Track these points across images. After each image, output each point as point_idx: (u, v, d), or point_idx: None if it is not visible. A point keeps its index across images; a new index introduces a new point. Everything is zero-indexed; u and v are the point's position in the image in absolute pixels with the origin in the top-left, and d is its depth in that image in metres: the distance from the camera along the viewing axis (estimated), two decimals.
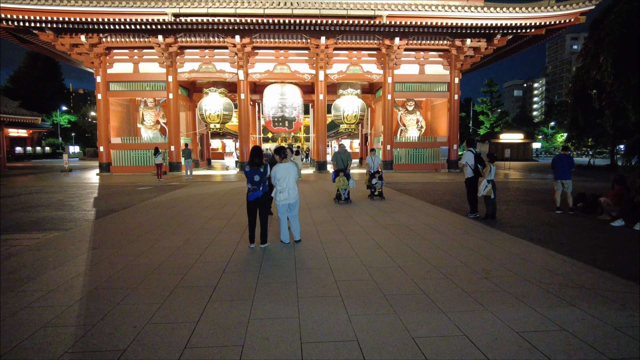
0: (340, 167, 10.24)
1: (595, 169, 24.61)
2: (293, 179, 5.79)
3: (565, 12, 17.95)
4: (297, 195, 5.92)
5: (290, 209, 5.94)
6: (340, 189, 10.09)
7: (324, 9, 17.15)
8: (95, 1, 16.97)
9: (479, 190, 7.87)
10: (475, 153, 8.23)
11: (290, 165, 5.77)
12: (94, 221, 7.94)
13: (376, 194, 10.82)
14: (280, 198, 5.72)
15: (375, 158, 11.01)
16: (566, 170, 8.81)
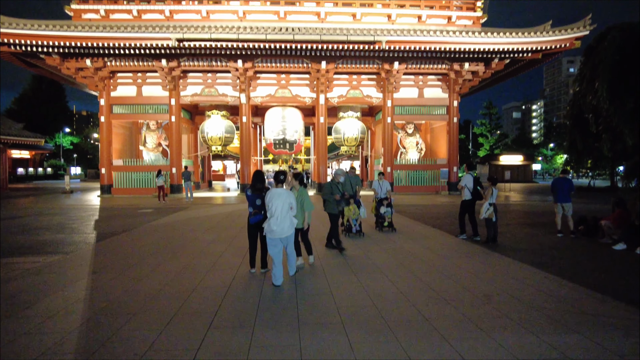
0: (350, 193, 8.70)
1: (595, 190, 24.63)
2: (285, 207, 5.00)
3: (560, 37, 18.37)
4: (293, 229, 5.16)
5: (284, 244, 5.22)
6: (350, 218, 8.67)
7: (324, 35, 17.56)
8: (102, 27, 17.40)
9: (481, 213, 7.95)
10: (474, 176, 8.39)
11: (283, 191, 5.09)
12: (94, 244, 7.93)
13: (386, 224, 9.39)
14: (268, 229, 4.99)
15: (383, 182, 9.87)
16: (566, 193, 8.85)
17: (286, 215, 5.01)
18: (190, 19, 19.61)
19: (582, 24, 18.25)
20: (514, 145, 57.51)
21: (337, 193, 7.48)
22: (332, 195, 7.44)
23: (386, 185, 9.93)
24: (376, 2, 20.49)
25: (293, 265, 5.51)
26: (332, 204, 7.43)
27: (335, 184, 7.58)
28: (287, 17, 19.97)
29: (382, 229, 9.44)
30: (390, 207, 9.56)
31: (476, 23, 20.55)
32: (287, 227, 5.02)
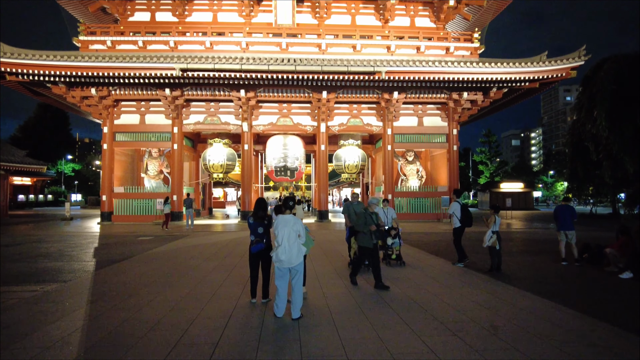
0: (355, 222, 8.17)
1: (598, 217, 24.52)
2: (293, 235, 4.88)
3: (556, 67, 18.77)
4: (301, 258, 4.97)
5: (292, 275, 4.96)
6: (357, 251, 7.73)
7: (325, 66, 17.97)
8: (108, 57, 17.83)
9: (484, 241, 7.97)
10: (461, 204, 8.77)
11: (291, 218, 5.00)
12: (93, 272, 7.83)
13: (393, 257, 8.54)
14: (276, 259, 4.85)
15: (388, 210, 9.01)
16: (569, 220, 8.81)
17: (294, 243, 4.87)
18: (195, 49, 20.13)
19: (577, 55, 18.69)
20: (514, 172, 57.72)
21: (371, 224, 6.60)
22: (367, 227, 6.60)
23: (392, 214, 9.13)
24: (375, 34, 21.08)
25: (298, 305, 4.88)
26: (366, 236, 6.61)
27: (370, 215, 6.74)
28: (289, 48, 20.49)
29: (390, 263, 8.56)
30: (398, 237, 8.67)
31: (474, 54, 21.05)
32: (296, 256, 4.86)
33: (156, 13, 21.44)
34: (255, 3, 21.09)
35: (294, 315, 4.83)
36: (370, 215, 6.75)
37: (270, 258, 5.25)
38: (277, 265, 4.88)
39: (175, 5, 20.66)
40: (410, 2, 22.00)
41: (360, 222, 6.71)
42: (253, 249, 5.46)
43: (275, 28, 20.56)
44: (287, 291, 4.98)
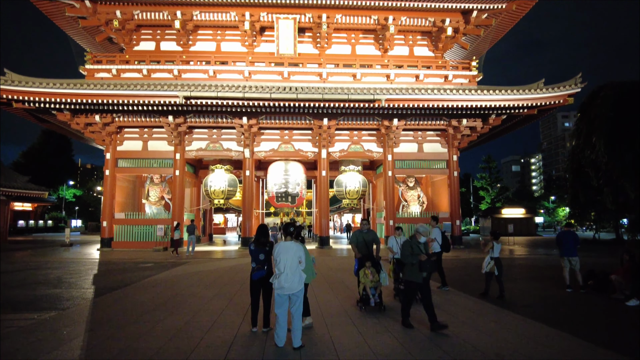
0: (364, 252, 7.28)
1: (601, 243, 24.31)
2: (295, 261, 4.84)
3: (554, 94, 19.08)
4: (302, 285, 4.92)
5: (292, 303, 4.86)
6: (367, 287, 6.88)
7: (326, 94, 18.29)
8: (113, 85, 18.20)
9: (482, 267, 8.07)
10: (441, 230, 9.13)
11: (292, 244, 4.97)
12: (92, 300, 7.74)
13: None
14: (277, 285, 4.80)
15: (401, 239, 7.97)
16: (572, 246, 8.75)
17: (296, 270, 4.83)
18: (198, 77, 20.55)
19: (573, 82, 19.03)
20: (515, 198, 57.61)
21: (419, 253, 5.84)
22: (415, 257, 5.80)
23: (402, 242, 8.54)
24: (375, 63, 21.56)
25: (298, 333, 4.78)
26: (414, 269, 5.82)
27: (416, 244, 5.95)
28: (290, 77, 20.93)
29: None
30: None
31: (472, 81, 21.45)
32: (297, 283, 4.80)
33: (161, 42, 22.03)
34: (258, 33, 21.69)
35: (295, 344, 4.73)
36: (417, 244, 5.96)
37: (271, 285, 5.17)
38: (278, 292, 4.82)
39: (180, 35, 21.25)
40: (408, 32, 22.61)
41: (406, 252, 5.95)
42: (254, 276, 5.41)
43: (277, 57, 21.05)
44: (287, 319, 4.89)
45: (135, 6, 20.10)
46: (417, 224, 6.41)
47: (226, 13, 20.60)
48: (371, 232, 7.60)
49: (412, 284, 5.88)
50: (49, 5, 19.58)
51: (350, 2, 19.57)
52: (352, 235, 7.71)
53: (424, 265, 5.75)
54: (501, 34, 22.82)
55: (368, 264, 6.98)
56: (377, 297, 6.87)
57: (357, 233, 7.62)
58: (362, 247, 7.32)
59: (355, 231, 7.94)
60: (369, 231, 7.59)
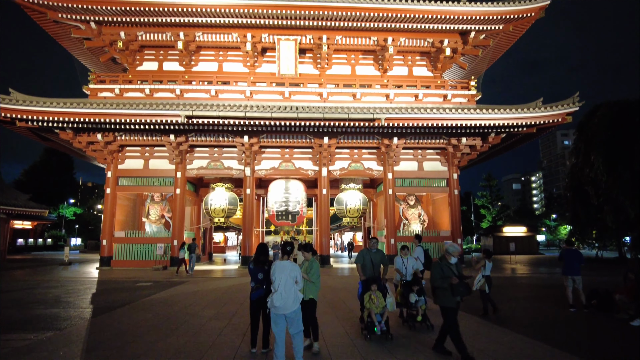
0: (371, 275, 6.75)
1: (603, 262, 24.10)
2: (290, 281, 4.79)
3: (552, 112, 19.23)
4: (298, 305, 4.82)
5: (289, 323, 4.80)
6: (372, 313, 6.27)
7: (326, 113, 18.48)
8: (116, 104, 18.39)
9: (473, 284, 7.98)
10: (424, 248, 9.33)
11: (288, 263, 4.93)
12: (89, 320, 7.65)
13: (419, 318, 6.89)
14: (271, 304, 4.73)
15: (409, 259, 7.68)
16: (576, 265, 8.67)
17: (290, 290, 4.75)
18: (200, 97, 20.80)
19: (570, 101, 19.21)
20: (516, 216, 57.43)
21: (451, 275, 5.36)
22: (446, 280, 5.35)
23: (413, 263, 7.75)
24: (375, 83, 21.85)
25: (300, 349, 4.77)
26: (446, 293, 5.36)
27: (447, 265, 5.49)
28: (291, 97, 21.18)
29: (414, 326, 6.93)
30: (422, 293, 7.10)
31: (471, 100, 21.67)
32: (292, 303, 4.73)
33: (164, 63, 22.39)
34: (259, 54, 22.06)
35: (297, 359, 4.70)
36: (448, 265, 5.51)
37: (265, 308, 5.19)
38: (273, 311, 4.77)
39: (182, 55, 21.61)
40: (407, 53, 22.98)
41: (436, 276, 5.48)
42: (253, 296, 5.37)
43: (278, 78, 21.35)
44: (284, 339, 4.79)
45: (139, 27, 20.52)
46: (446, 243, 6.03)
47: (228, 34, 21.01)
48: (380, 252, 6.99)
49: (448, 311, 5.33)
50: (55, 27, 20.01)
51: (350, 24, 19.96)
52: (359, 254, 7.03)
53: (457, 288, 5.26)
54: (499, 54, 23.19)
55: (374, 288, 6.40)
56: (383, 324, 6.22)
57: (364, 252, 6.98)
58: (368, 268, 6.77)
59: (362, 250, 7.20)
60: (377, 251, 6.97)
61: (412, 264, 7.65)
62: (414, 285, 7.18)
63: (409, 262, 7.63)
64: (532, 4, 19.60)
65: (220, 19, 19.49)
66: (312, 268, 5.70)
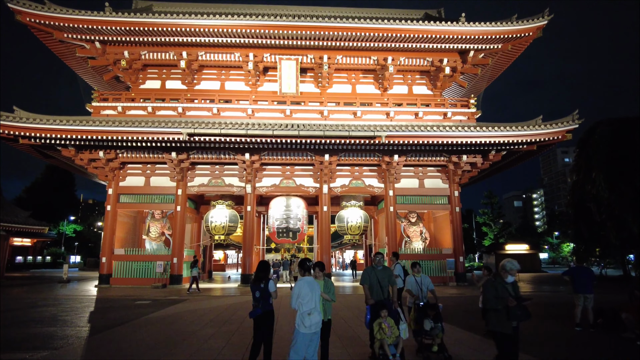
0: (379, 297, 5.91)
1: (608, 280, 23.80)
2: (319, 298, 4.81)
3: (552, 130, 19.33)
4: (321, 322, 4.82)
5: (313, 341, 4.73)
6: (385, 344, 5.48)
7: (327, 131, 18.59)
8: (118, 122, 18.54)
9: (480, 302, 7.61)
10: (402, 265, 9.33)
11: (312, 280, 4.97)
12: (87, 339, 7.53)
13: (435, 349, 6.05)
14: (309, 323, 4.60)
15: (422, 278, 6.78)
16: (588, 283, 8.53)
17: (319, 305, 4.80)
18: (202, 115, 20.96)
19: (570, 118, 19.32)
20: (518, 234, 57.05)
21: (507, 297, 4.64)
22: (500, 302, 4.66)
23: (428, 283, 6.78)
24: (375, 102, 22.04)
25: None
26: (500, 317, 4.68)
27: (502, 285, 4.79)
28: (292, 115, 21.34)
29: (430, 357, 6.03)
30: (439, 319, 6.20)
31: (471, 118, 21.80)
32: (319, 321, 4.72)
33: (166, 81, 22.68)
34: (261, 73, 22.36)
35: None
36: (503, 285, 4.78)
37: (270, 324, 5.10)
38: (306, 330, 4.65)
39: (185, 74, 21.91)
40: (407, 72, 23.27)
41: (489, 296, 4.80)
42: (250, 315, 5.20)
43: (279, 96, 21.57)
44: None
45: (143, 47, 20.87)
46: (503, 260, 5.09)
47: (230, 54, 21.34)
48: (387, 269, 6.17)
49: (504, 337, 4.61)
50: (61, 47, 20.38)
51: (351, 43, 20.29)
52: (363, 273, 6.20)
53: (514, 312, 4.54)
54: (498, 73, 23.47)
55: (384, 315, 5.59)
56: (398, 357, 5.44)
57: (369, 271, 6.16)
58: (375, 289, 5.91)
59: (366, 269, 6.33)
60: (384, 269, 6.14)
61: (426, 283, 6.73)
62: (430, 309, 6.24)
63: (423, 281, 6.70)
64: (529, 23, 19.95)
65: (223, 38, 19.84)
66: (330, 286, 5.46)
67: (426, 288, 6.68)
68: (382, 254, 6.48)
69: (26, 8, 18.27)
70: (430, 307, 6.33)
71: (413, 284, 6.72)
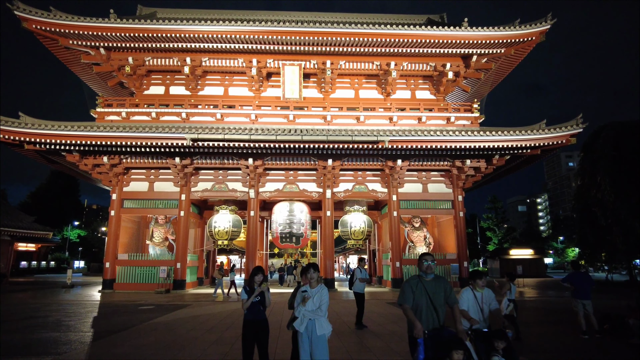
0: (433, 324, 4.11)
1: (613, 285, 23.58)
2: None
3: (556, 134, 19.25)
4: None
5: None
6: None
7: (330, 136, 18.61)
8: (122, 127, 18.64)
9: (502, 310, 7.08)
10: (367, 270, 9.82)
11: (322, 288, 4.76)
12: (90, 344, 7.52)
13: None
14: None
15: (484, 295, 4.87)
16: (586, 289, 8.46)
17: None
18: (206, 120, 21.06)
19: (574, 123, 19.24)
20: (522, 238, 56.74)
21: None
22: None
23: (490, 300, 4.87)
24: (378, 107, 22.07)
25: None
26: None
27: None
28: (296, 120, 21.40)
29: None
30: (512, 355, 4.43)
31: (474, 123, 21.77)
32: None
33: (170, 87, 22.81)
34: (265, 79, 22.45)
35: None
36: None
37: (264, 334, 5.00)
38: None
39: (189, 80, 22.03)
40: (410, 77, 23.30)
41: None
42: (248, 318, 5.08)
43: (283, 102, 21.64)
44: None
45: (147, 53, 21.02)
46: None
47: (234, 59, 21.45)
48: (441, 280, 4.35)
49: None
50: (66, 53, 20.54)
51: (354, 49, 20.35)
52: (405, 287, 4.29)
53: None
54: (501, 77, 23.44)
55: (459, 357, 3.68)
56: None
57: (414, 283, 4.29)
58: (425, 313, 4.10)
59: (409, 280, 4.37)
60: (436, 279, 4.31)
61: (489, 301, 4.84)
62: (497, 339, 4.32)
63: (485, 297, 4.82)
64: (532, 28, 19.95)
65: (226, 44, 19.96)
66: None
67: (487, 306, 4.81)
68: (432, 255, 4.47)
69: (32, 15, 18.48)
70: (497, 335, 4.35)
71: (471, 301, 4.78)
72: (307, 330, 4.51)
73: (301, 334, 4.53)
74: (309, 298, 4.59)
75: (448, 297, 4.29)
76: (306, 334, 4.50)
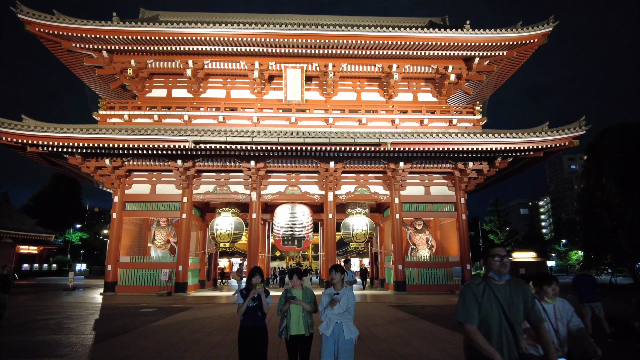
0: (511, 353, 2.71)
1: (618, 288, 23.42)
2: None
3: (559, 136, 19.18)
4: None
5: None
6: None
7: (332, 138, 18.59)
8: (124, 130, 18.67)
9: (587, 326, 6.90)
10: None
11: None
12: (91, 347, 7.48)
13: None
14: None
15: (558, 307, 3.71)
16: (591, 291, 8.37)
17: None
18: (208, 123, 21.07)
19: (577, 125, 19.18)
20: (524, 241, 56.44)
21: None
22: None
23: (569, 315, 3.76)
24: (380, 109, 22.05)
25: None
26: None
27: None
28: (298, 122, 21.38)
29: None
30: None
31: (476, 125, 21.72)
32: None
33: (172, 90, 22.85)
34: (267, 81, 22.47)
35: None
36: None
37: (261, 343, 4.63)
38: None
39: (191, 82, 22.07)
40: (412, 79, 23.28)
41: None
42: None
43: (285, 104, 21.65)
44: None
45: (149, 56, 21.08)
46: None
47: (236, 62, 21.49)
48: (519, 285, 2.94)
49: None
50: (69, 56, 20.63)
51: (356, 51, 20.37)
52: (466, 297, 2.90)
53: None
54: (504, 80, 23.41)
55: None
56: None
57: (479, 288, 2.89)
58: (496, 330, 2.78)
59: (470, 286, 2.95)
60: (512, 284, 2.93)
61: (567, 315, 3.73)
62: None
63: (557, 313, 3.68)
64: (534, 30, 19.93)
65: (229, 47, 19.99)
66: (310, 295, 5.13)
67: (565, 326, 3.70)
68: (504, 248, 3.02)
69: (35, 19, 18.56)
70: None
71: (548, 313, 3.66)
72: (333, 333, 4.34)
73: (327, 337, 4.35)
74: (337, 301, 4.43)
75: (530, 311, 2.88)
76: (332, 338, 4.33)
